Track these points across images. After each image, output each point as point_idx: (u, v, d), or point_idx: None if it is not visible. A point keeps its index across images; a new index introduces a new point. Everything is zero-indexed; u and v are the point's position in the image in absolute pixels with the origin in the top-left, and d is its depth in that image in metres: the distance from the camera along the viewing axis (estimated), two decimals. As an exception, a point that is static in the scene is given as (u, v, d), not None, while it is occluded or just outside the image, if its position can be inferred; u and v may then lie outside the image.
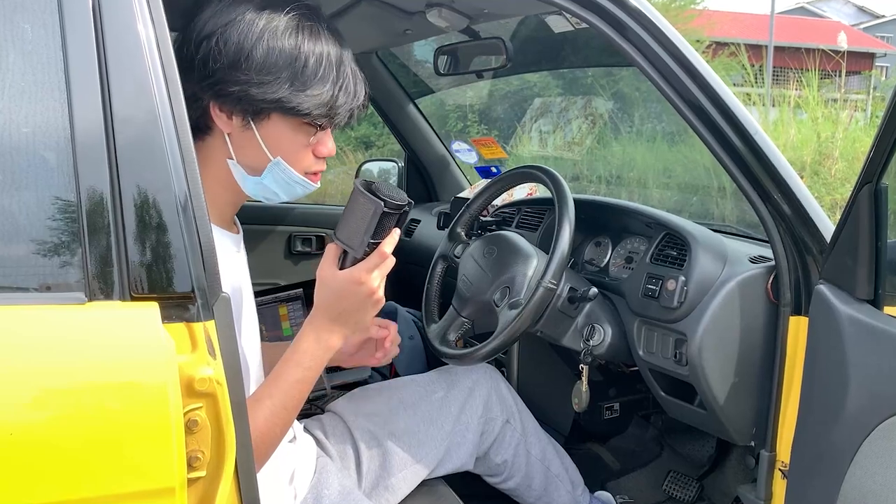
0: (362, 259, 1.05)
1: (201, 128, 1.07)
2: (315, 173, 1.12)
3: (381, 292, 1.08)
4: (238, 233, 1.21)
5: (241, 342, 1.08)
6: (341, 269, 1.06)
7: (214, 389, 0.81)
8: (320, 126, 1.08)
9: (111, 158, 0.80)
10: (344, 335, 1.08)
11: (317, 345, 1.06)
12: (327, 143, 1.11)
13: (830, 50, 7.82)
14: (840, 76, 7.39)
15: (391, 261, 1.07)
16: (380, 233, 1.05)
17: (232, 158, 1.08)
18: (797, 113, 7.16)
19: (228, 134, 1.07)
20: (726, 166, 1.23)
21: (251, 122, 1.05)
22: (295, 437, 1.29)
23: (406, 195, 1.07)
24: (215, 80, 1.02)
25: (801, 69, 7.29)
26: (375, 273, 1.06)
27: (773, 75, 9.31)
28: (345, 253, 1.07)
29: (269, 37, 1.02)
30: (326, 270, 1.07)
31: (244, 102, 1.03)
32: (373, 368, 2.07)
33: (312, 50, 1.04)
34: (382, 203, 1.03)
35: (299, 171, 1.10)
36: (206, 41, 1.02)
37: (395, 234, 1.07)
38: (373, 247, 1.05)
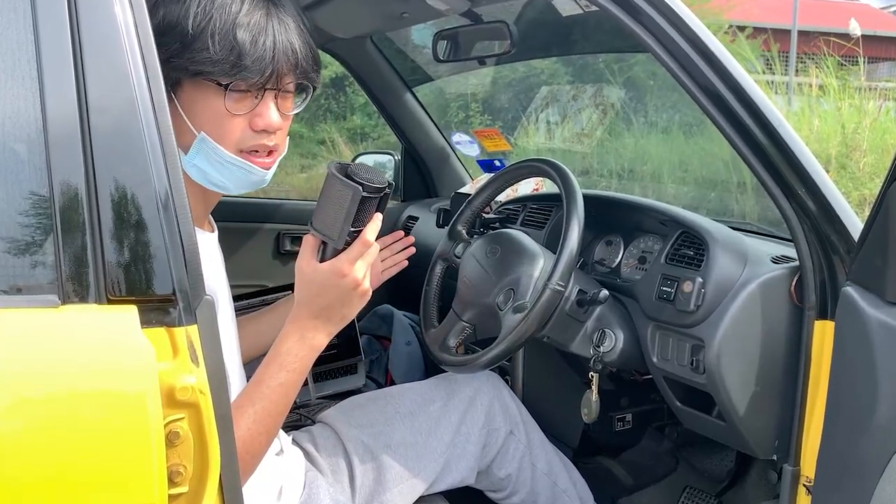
0: (343, 249, 1.05)
1: None
2: (255, 152, 1.09)
3: (366, 283, 1.08)
4: (213, 231, 1.21)
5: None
6: (321, 261, 1.06)
7: (197, 399, 0.81)
8: (226, 86, 1.04)
9: (86, 151, 0.80)
10: (329, 332, 1.09)
11: (301, 344, 1.06)
12: (264, 113, 1.07)
13: (843, 34, 7.80)
14: (860, 63, 7.38)
15: (375, 248, 1.07)
16: (360, 220, 1.04)
17: None
18: (819, 102, 7.16)
19: None
20: (747, 159, 1.23)
21: (172, 94, 1.05)
22: (282, 450, 1.29)
23: (385, 177, 1.06)
24: None
25: (823, 55, 7.29)
26: (359, 263, 1.05)
27: (787, 61, 9.30)
28: (324, 244, 1.07)
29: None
30: (306, 264, 1.07)
31: None
32: (367, 376, 2.07)
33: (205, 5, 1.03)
34: (360, 187, 1.02)
35: (230, 148, 1.07)
36: None
37: (377, 220, 1.06)
38: (354, 235, 1.05)
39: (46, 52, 0.80)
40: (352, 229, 1.04)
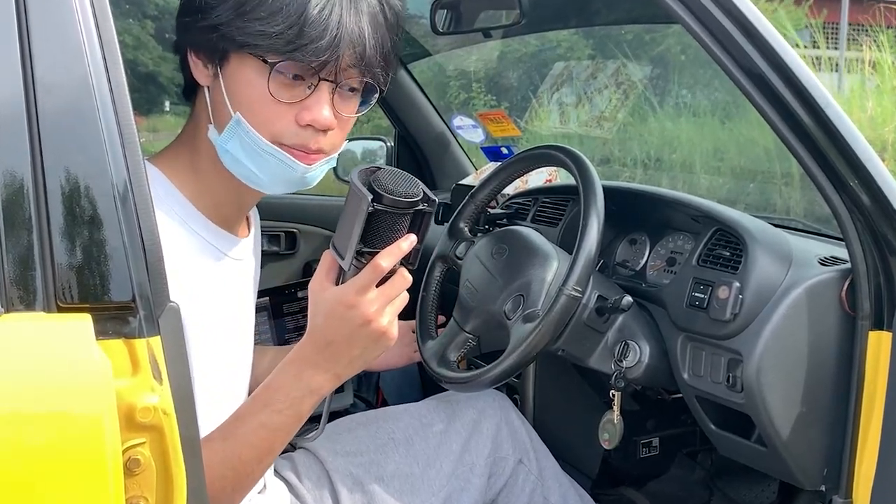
0: (354, 275, 1.00)
1: (189, 90, 1.11)
2: (297, 148, 1.07)
3: (383, 321, 1.01)
4: (246, 235, 1.22)
5: (205, 367, 1.08)
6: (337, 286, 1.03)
7: (160, 421, 0.80)
8: (273, 65, 1.03)
9: (33, 137, 0.80)
10: (335, 375, 1.05)
11: (296, 382, 1.04)
12: (313, 106, 1.05)
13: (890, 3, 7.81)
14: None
15: (403, 281, 1.02)
16: (375, 239, 0.99)
17: (211, 123, 1.08)
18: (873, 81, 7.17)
19: (207, 88, 1.08)
20: (791, 146, 1.23)
21: (218, 68, 1.06)
22: (265, 488, 1.29)
23: (425, 189, 0.98)
24: (184, 21, 1.06)
25: (878, 26, 7.30)
26: (372, 294, 1.00)
27: (830, 35, 9.28)
28: (341, 267, 1.03)
29: None
30: (318, 284, 1.04)
31: (207, 42, 1.04)
32: (356, 395, 2.07)
33: None
34: (370, 197, 0.96)
35: (266, 135, 1.06)
36: None
37: (402, 243, 1.00)
38: (368, 258, 0.99)
39: (-13, 24, 0.80)
40: (365, 250, 0.99)
